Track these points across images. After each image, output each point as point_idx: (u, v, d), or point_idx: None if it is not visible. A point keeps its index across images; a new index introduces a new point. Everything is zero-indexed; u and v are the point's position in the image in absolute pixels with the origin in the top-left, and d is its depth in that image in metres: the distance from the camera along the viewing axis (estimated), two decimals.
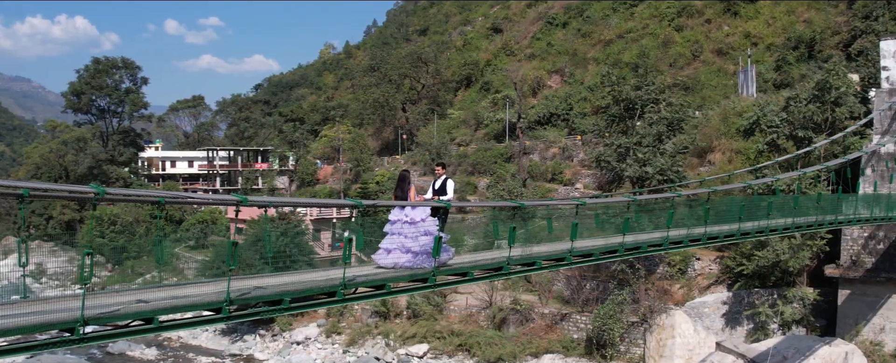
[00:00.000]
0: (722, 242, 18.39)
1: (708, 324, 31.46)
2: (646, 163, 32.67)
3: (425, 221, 11.72)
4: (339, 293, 9.35)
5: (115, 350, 42.01)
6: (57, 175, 78.93)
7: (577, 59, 68.89)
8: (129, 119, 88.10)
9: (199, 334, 45.31)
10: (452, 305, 39.46)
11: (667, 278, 35.10)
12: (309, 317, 43.17)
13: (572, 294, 36.65)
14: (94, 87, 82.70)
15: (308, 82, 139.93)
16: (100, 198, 6.93)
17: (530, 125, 63.26)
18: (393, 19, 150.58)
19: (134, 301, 8.21)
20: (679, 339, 30.83)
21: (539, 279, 40.12)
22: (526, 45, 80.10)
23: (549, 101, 65.43)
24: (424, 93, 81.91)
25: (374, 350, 37.57)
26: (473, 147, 66.46)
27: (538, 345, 34.21)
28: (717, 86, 54.69)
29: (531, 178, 55.06)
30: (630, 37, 66.32)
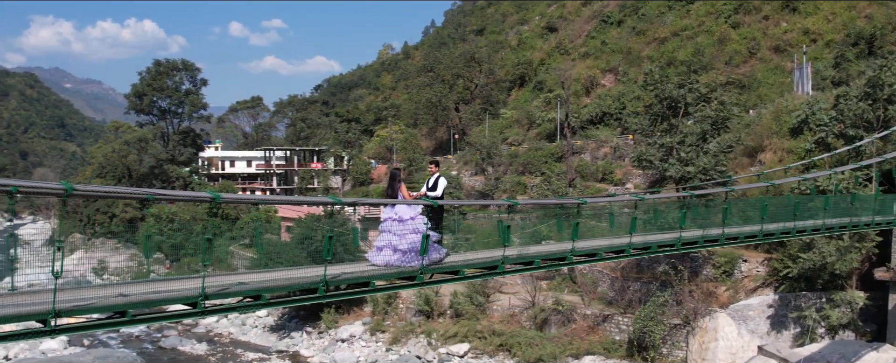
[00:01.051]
0: (745, 242, 17.90)
1: (752, 327, 30.70)
2: (688, 162, 32.05)
3: (414, 219, 11.71)
4: (321, 290, 9.42)
5: (167, 345, 43.08)
6: (120, 174, 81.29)
7: (631, 57, 67.97)
8: (189, 119, 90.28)
9: (248, 331, 46.19)
10: (495, 305, 39.36)
11: (712, 280, 34.40)
12: (355, 314, 43.59)
13: (617, 295, 36.19)
14: (155, 88, 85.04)
15: (366, 83, 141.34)
16: (69, 195, 7.08)
17: (582, 124, 62.73)
18: (450, 19, 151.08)
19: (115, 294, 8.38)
20: (722, 342, 30.19)
21: (584, 280, 39.81)
22: (580, 43, 79.46)
23: (602, 101, 64.77)
24: (478, 92, 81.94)
25: (416, 348, 37.70)
26: (525, 147, 66.20)
27: (579, 346, 33.88)
28: (774, 84, 53.39)
29: (581, 178, 54.60)
30: (685, 34, 65.23)
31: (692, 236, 15.11)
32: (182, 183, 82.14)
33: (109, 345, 43.42)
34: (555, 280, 41.67)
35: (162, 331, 46.97)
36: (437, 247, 11.65)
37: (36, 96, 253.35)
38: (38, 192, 7.22)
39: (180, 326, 48.37)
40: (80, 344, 43.03)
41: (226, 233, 69.27)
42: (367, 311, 43.35)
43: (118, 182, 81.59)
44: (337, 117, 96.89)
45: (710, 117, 33.22)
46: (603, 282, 39.03)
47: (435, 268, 11.66)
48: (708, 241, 15.58)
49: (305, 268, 10.58)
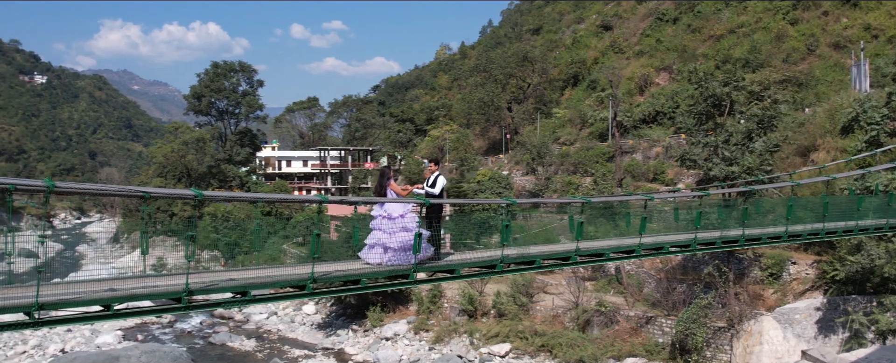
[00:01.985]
0: (766, 243, 17.40)
1: (799, 331, 29.84)
2: (732, 161, 31.33)
3: (404, 217, 11.69)
4: (308, 286, 9.50)
5: (216, 340, 43.91)
6: (180, 174, 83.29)
7: (685, 55, 66.79)
8: (246, 120, 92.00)
9: (296, 327, 46.79)
10: (539, 305, 39.12)
11: (759, 282, 33.59)
12: (400, 313, 43.82)
13: (662, 297, 35.63)
14: (213, 90, 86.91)
15: (422, 83, 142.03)
16: (52, 191, 7.27)
17: (635, 124, 61.96)
18: (507, 19, 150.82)
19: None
20: (766, 346, 29.43)
21: (630, 281, 39.35)
22: (634, 42, 78.52)
23: (656, 99, 63.85)
24: (531, 92, 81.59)
25: (458, 348, 37.68)
26: (577, 146, 65.68)
27: (621, 348, 33.42)
28: (833, 81, 51.84)
29: (632, 178, 53.94)
30: (741, 31, 63.84)
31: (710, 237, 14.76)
32: (238, 182, 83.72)
33: (162, 340, 44.50)
34: (600, 281, 41.28)
35: (213, 327, 47.93)
36: (426, 246, 11.56)
37: (104, 98, 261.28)
38: (24, 188, 7.42)
39: (231, 323, 49.33)
40: (135, 338, 44.24)
41: (279, 232, 70.62)
42: (412, 310, 43.54)
43: (178, 181, 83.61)
44: (391, 117, 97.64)
45: (756, 115, 32.42)
46: (649, 283, 38.53)
47: (429, 266, 11.63)
48: (727, 242, 15.16)
49: (295, 267, 10.68)
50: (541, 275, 43.63)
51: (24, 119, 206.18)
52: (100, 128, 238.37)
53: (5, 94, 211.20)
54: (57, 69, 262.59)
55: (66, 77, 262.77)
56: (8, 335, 44.07)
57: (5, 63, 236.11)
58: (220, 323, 49.32)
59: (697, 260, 36.10)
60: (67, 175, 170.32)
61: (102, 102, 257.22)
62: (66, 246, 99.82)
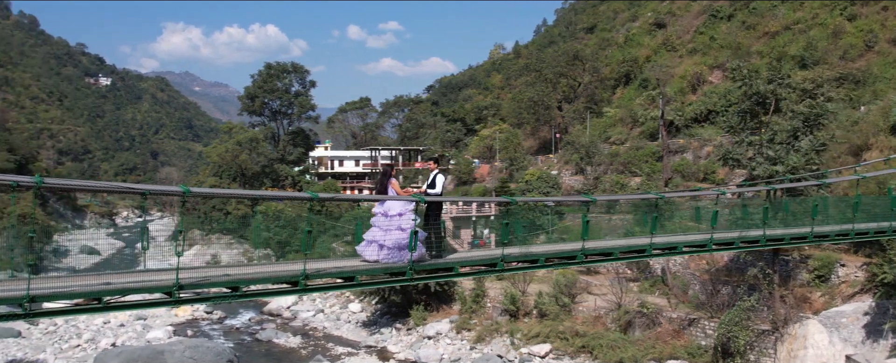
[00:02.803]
0: (788, 244, 16.95)
1: (845, 335, 28.99)
2: (777, 160, 30.57)
3: (401, 216, 11.68)
4: (301, 283, 9.59)
5: (263, 337, 44.57)
6: (234, 174, 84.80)
7: (740, 52, 65.39)
8: (298, 120, 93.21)
9: (341, 325, 47.23)
10: (581, 306, 38.79)
11: (806, 285, 32.75)
12: (443, 312, 43.90)
13: (707, 299, 35.01)
14: (266, 90, 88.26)
15: (476, 83, 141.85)
16: (40, 187, 7.49)
17: (686, 123, 60.98)
18: (562, 18, 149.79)
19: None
20: (811, 351, 28.68)
21: (675, 282, 38.76)
22: (688, 39, 77.21)
23: (708, 98, 62.66)
24: (582, 91, 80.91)
25: (499, 348, 37.59)
26: (627, 146, 64.94)
27: (662, 350, 32.91)
28: (892, 78, 50.24)
29: (682, 178, 53.09)
30: (797, 28, 62.28)
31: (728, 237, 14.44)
32: (291, 181, 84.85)
33: (210, 335, 45.35)
34: (645, 282, 40.78)
35: (261, 324, 48.67)
36: (419, 246, 11.53)
37: (166, 99, 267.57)
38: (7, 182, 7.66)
39: (279, 320, 50.03)
40: (184, 334, 45.16)
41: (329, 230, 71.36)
42: (455, 309, 43.59)
43: (232, 181, 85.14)
44: (443, 117, 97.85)
45: (802, 114, 31.57)
46: (694, 285, 37.90)
47: (428, 264, 11.63)
48: (747, 242, 14.82)
49: (287, 264, 10.79)
50: (585, 276, 43.32)
51: (90, 120, 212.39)
52: (162, 128, 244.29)
53: (72, 95, 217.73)
54: (121, 71, 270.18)
55: (130, 79, 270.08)
56: (64, 329, 45.55)
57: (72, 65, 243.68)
58: (268, 320, 50.10)
59: (744, 261, 35.36)
60: (130, 174, 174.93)
61: (164, 103, 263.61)
62: (127, 243, 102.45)
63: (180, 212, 9.31)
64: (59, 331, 45.01)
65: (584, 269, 45.78)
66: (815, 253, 32.65)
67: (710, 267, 38.41)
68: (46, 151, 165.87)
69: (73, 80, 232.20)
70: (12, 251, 44.22)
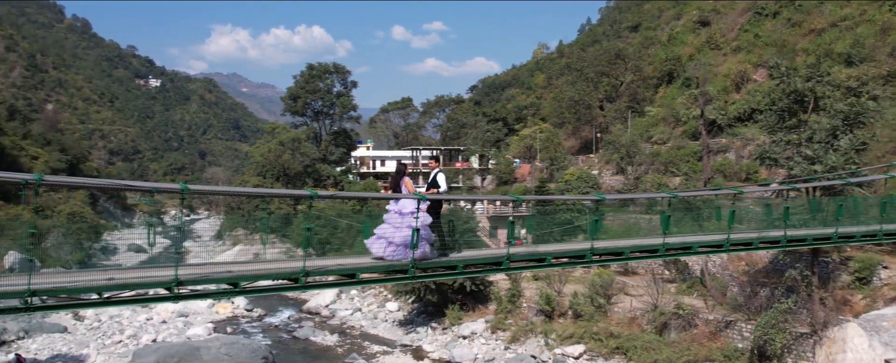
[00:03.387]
0: (810, 245, 16.56)
1: (886, 339, 28.23)
2: (815, 160, 29.89)
3: (414, 215, 11.72)
4: (300, 280, 9.67)
5: (300, 335, 45.00)
6: (277, 173, 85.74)
7: (785, 50, 64.19)
8: (340, 120, 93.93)
9: (378, 324, 47.46)
10: (617, 307, 38.43)
11: (846, 287, 32.01)
12: (479, 312, 43.84)
13: (745, 300, 34.42)
14: (308, 91, 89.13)
15: (519, 82, 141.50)
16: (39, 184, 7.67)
17: (729, 122, 60.07)
18: (606, 17, 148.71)
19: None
20: (850, 355, 27.99)
21: (714, 283, 38.18)
22: (732, 37, 76.06)
23: (752, 97, 61.61)
24: (624, 90, 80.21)
25: (533, 348, 37.42)
26: (669, 145, 64.23)
27: (697, 352, 32.42)
28: None
29: (723, 177, 52.32)
30: (844, 25, 60.94)
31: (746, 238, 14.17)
32: (333, 181, 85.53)
33: (250, 333, 45.91)
34: (684, 283, 40.27)
35: (300, 321, 49.16)
36: (423, 245, 11.56)
37: (214, 100, 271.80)
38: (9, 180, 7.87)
39: (317, 318, 50.47)
40: (224, 331, 45.80)
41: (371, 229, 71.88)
42: (491, 309, 43.50)
43: (276, 180, 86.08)
44: (484, 117, 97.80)
45: (842, 112, 30.84)
46: (733, 286, 37.29)
47: (429, 263, 11.63)
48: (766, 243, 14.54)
49: (288, 261, 10.88)
50: (621, 276, 42.98)
51: (140, 121, 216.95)
52: (209, 129, 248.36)
53: (122, 97, 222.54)
54: (170, 73, 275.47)
55: (179, 80, 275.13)
56: (108, 325, 46.56)
57: (123, 67, 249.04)
58: (307, 318, 50.58)
59: (783, 263, 34.69)
60: (178, 174, 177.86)
61: (212, 104, 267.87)
62: (174, 242, 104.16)
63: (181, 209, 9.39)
64: (102, 326, 46.03)
65: (621, 270, 45.50)
66: (857, 254, 31.90)
67: (749, 268, 37.79)
68: (98, 152, 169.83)
69: (123, 82, 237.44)
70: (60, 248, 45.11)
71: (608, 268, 45.85)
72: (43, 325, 44.28)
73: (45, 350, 40.05)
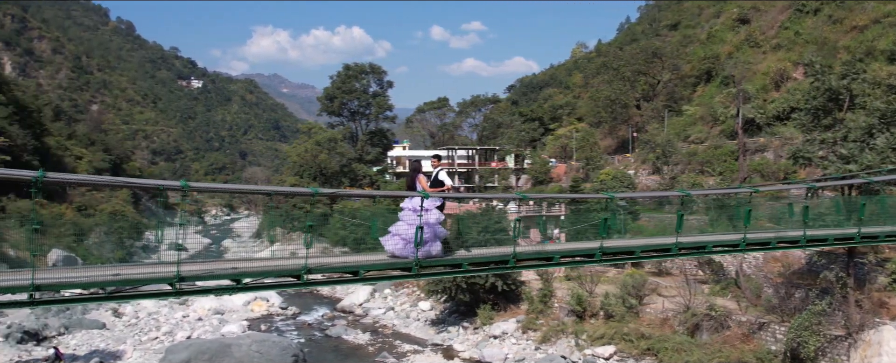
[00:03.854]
0: (831, 244, 16.21)
1: None
2: (850, 159, 29.25)
3: (428, 211, 11.73)
4: (303, 276, 9.73)
5: (333, 333, 45.30)
6: (314, 173, 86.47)
7: (826, 48, 62.98)
8: (375, 120, 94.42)
9: (410, 323, 47.57)
10: (649, 308, 38.06)
11: (884, 289, 31.30)
12: (511, 312, 43.73)
13: (779, 302, 33.85)
14: (344, 91, 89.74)
15: (557, 82, 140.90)
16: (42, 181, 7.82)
17: (768, 121, 59.13)
18: (645, 15, 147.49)
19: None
20: (886, 358, 27.37)
21: (748, 284, 37.61)
22: (772, 35, 74.81)
23: (791, 95, 60.55)
24: (661, 89, 79.37)
25: (562, 348, 37.22)
26: (706, 145, 63.41)
27: (729, 354, 31.96)
28: None
29: (761, 177, 51.50)
30: (887, 21, 59.56)
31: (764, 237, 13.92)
32: (369, 180, 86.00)
33: (283, 331, 46.34)
34: (714, 285, 39.73)
35: (333, 320, 49.49)
36: (434, 243, 11.57)
37: (254, 101, 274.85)
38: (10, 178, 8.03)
39: (350, 317, 50.75)
40: (258, 328, 46.28)
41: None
42: (522, 309, 43.36)
43: (313, 180, 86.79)
44: (520, 116, 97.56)
45: (878, 110, 30.13)
46: (768, 287, 36.70)
47: (434, 260, 11.63)
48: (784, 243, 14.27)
49: (289, 259, 10.96)
50: (655, 277, 42.58)
51: (182, 121, 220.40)
52: (250, 129, 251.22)
53: (165, 97, 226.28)
54: (211, 74, 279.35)
55: (220, 81, 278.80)
56: (145, 322, 47.34)
57: (166, 69, 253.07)
58: (340, 316, 50.90)
59: (820, 264, 34.06)
60: (219, 174, 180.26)
61: (253, 105, 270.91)
62: (214, 241, 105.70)
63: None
64: (140, 323, 46.81)
65: (655, 270, 45.08)
66: (894, 256, 31.19)
67: (784, 270, 37.19)
68: (141, 152, 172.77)
69: (166, 83, 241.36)
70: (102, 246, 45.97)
71: (642, 268, 45.55)
72: (82, 322, 45.16)
73: (83, 346, 40.83)
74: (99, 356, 38.27)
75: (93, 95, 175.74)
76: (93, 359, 37.63)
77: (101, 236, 76.53)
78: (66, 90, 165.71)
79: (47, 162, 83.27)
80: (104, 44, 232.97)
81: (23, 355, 38.17)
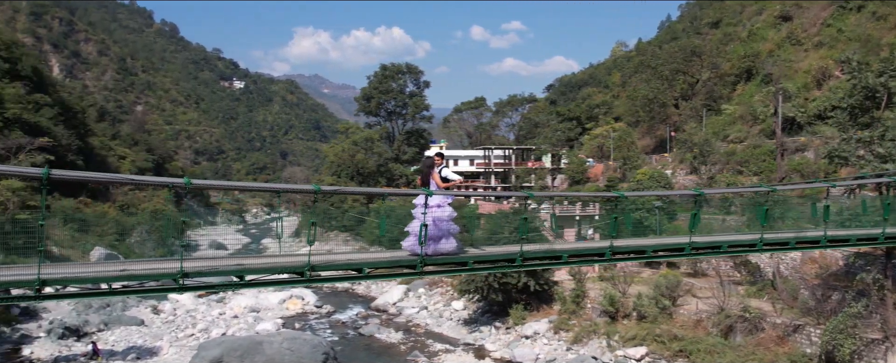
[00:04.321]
0: (854, 245, 15.83)
1: None
2: (887, 158, 28.56)
3: (441, 208, 11.75)
4: (306, 274, 9.80)
5: (366, 332, 45.54)
6: (352, 172, 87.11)
7: (869, 45, 61.62)
8: (412, 120, 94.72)
9: (443, 322, 47.64)
10: (682, 309, 37.61)
11: None
12: (543, 312, 43.54)
13: (816, 304, 33.21)
14: (381, 91, 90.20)
15: (596, 81, 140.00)
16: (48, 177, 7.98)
17: (809, 120, 58.07)
18: (686, 13, 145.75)
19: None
20: None
21: (785, 286, 36.99)
22: (814, 32, 73.38)
23: (833, 93, 59.33)
24: (700, 88, 78.40)
25: (593, 349, 36.95)
26: (745, 144, 62.51)
27: (763, 356, 31.42)
28: None
29: (801, 177, 50.61)
30: None
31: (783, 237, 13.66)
32: (405, 180, 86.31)
33: (316, 329, 46.71)
34: (749, 287, 39.13)
35: (367, 319, 49.75)
36: (449, 239, 11.60)
37: (295, 101, 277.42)
38: (17, 174, 8.21)
39: (384, 315, 50.98)
40: (292, 326, 46.70)
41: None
42: (555, 310, 43.15)
43: (350, 179, 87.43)
44: (558, 116, 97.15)
45: None
46: (804, 289, 36.02)
47: (440, 258, 11.62)
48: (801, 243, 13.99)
49: (292, 255, 11.02)
50: (689, 278, 42.09)
51: (224, 121, 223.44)
52: (291, 129, 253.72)
53: (208, 98, 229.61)
54: (253, 75, 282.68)
55: (262, 82, 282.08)
56: (182, 319, 48.09)
57: (208, 70, 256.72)
58: (374, 315, 51.15)
59: (857, 266, 33.36)
60: (259, 174, 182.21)
61: (294, 105, 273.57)
62: (253, 239, 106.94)
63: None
64: (177, 320, 47.54)
65: (690, 271, 44.59)
66: None
67: (822, 271, 36.48)
68: (184, 152, 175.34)
69: (209, 84, 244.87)
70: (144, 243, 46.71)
71: (677, 269, 45.07)
72: (122, 318, 46.00)
73: (122, 342, 41.57)
74: (136, 352, 38.97)
75: (137, 96, 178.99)
76: (130, 354, 38.32)
77: (142, 234, 77.74)
78: (111, 91, 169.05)
79: (91, 162, 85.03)
80: (148, 45, 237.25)
81: (63, 350, 38.98)
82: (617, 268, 44.70)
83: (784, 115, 56.74)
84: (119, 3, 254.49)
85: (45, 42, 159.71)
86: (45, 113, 76.28)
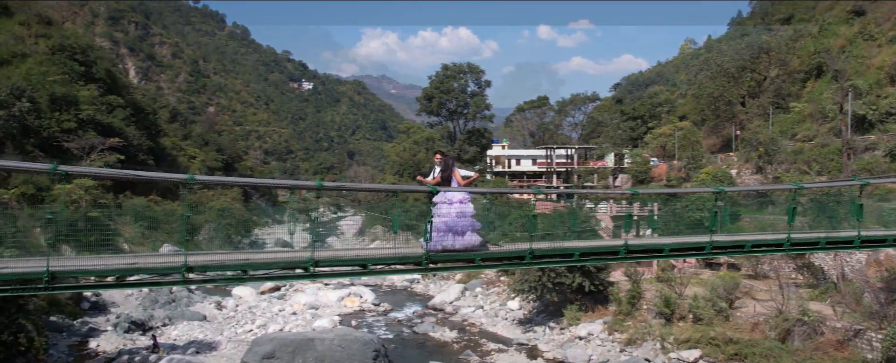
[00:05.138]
0: (890, 246, 15.18)
1: None
2: None
3: (462, 202, 11.82)
4: (309, 268, 9.91)
5: (420, 330, 45.76)
6: (413, 172, 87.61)
7: None
8: (473, 120, 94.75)
9: (497, 322, 47.55)
10: (740, 311, 36.74)
11: None
12: (598, 313, 43.07)
13: (880, 308, 32.09)
14: (442, 91, 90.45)
15: (664, 79, 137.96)
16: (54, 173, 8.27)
17: (881, 118, 56.17)
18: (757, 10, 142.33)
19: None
20: None
21: (849, 289, 35.80)
22: (888, 27, 70.77)
23: None
24: (768, 85, 76.44)
25: (647, 351, 36.37)
26: (813, 142, 60.77)
27: (820, 361, 30.46)
28: None
29: (870, 175, 48.93)
30: None
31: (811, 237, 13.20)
32: None
33: (373, 326, 47.15)
34: (812, 290, 38.01)
35: (423, 317, 49.99)
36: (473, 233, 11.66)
37: (362, 101, 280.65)
38: (28, 170, 8.54)
39: (440, 314, 51.13)
40: (349, 324, 47.23)
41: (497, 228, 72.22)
42: (610, 310, 42.64)
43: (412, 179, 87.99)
44: (622, 115, 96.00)
45: None
46: (868, 293, 34.81)
47: (446, 254, 11.62)
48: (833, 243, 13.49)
49: (297, 251, 11.15)
50: (748, 280, 41.14)
51: (293, 122, 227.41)
52: (358, 129, 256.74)
53: (277, 99, 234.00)
54: (321, 76, 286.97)
55: (330, 83, 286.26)
56: (242, 314, 49.16)
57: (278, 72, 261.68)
58: (430, 314, 51.34)
59: None
60: (327, 173, 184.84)
61: (361, 106, 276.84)
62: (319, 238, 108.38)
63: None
64: (237, 316, 48.60)
65: (750, 273, 43.55)
66: None
67: (889, 274, 35.20)
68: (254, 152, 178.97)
69: (278, 85, 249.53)
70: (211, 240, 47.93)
71: (737, 270, 44.08)
72: (185, 314, 47.26)
73: (184, 336, 42.71)
74: (195, 346, 39.98)
75: (209, 98, 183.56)
76: (190, 349, 39.33)
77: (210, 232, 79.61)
78: (184, 93, 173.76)
79: (162, 161, 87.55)
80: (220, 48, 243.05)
81: (128, 344, 40.24)
82: (674, 269, 44.05)
83: (854, 113, 54.94)
84: (192, 7, 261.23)
85: (122, 46, 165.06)
86: (117, 114, 78.82)
